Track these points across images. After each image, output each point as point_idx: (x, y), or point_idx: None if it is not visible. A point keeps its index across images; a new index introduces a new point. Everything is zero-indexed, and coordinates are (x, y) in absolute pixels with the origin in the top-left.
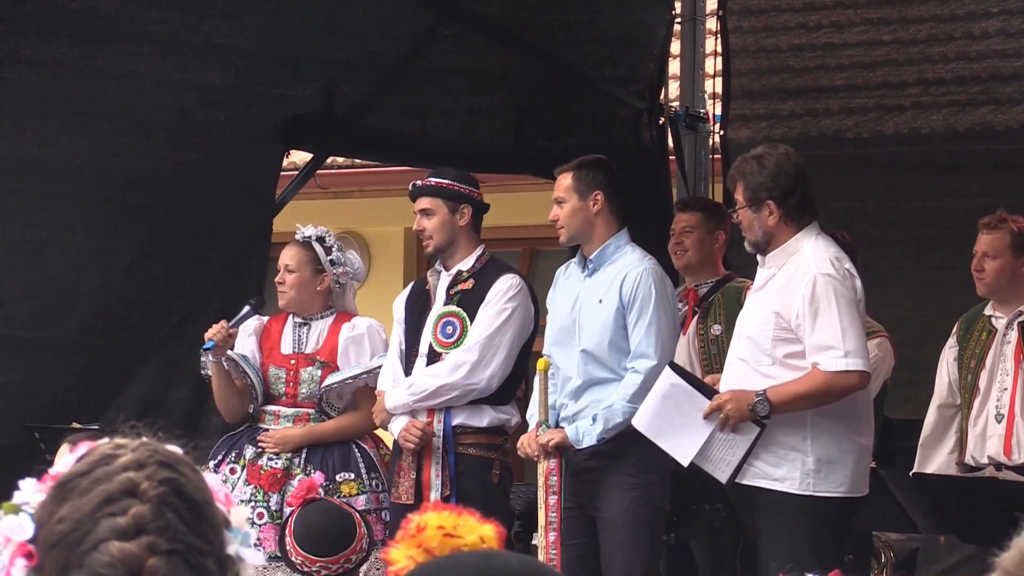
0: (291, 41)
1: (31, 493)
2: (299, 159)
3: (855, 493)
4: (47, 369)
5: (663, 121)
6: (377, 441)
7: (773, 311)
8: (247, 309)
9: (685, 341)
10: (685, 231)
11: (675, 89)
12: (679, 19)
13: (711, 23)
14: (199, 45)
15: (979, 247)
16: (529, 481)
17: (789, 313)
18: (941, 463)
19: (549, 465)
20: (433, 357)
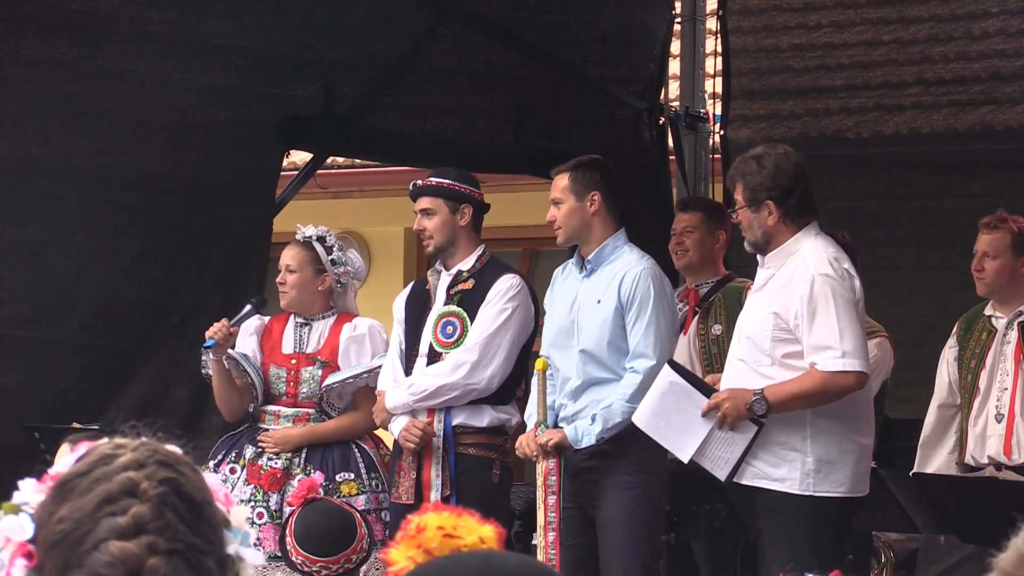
0: (291, 41)
1: (31, 493)
2: (299, 159)
3: (855, 493)
4: (47, 369)
5: (663, 121)
6: (377, 441)
7: (772, 311)
8: (248, 308)
9: (686, 341)
10: (686, 231)
11: (675, 89)
12: (679, 19)
13: (711, 23)
14: (199, 45)
15: (979, 247)
16: (529, 481)
17: (788, 313)
18: (941, 463)
19: (548, 465)
20: (433, 357)
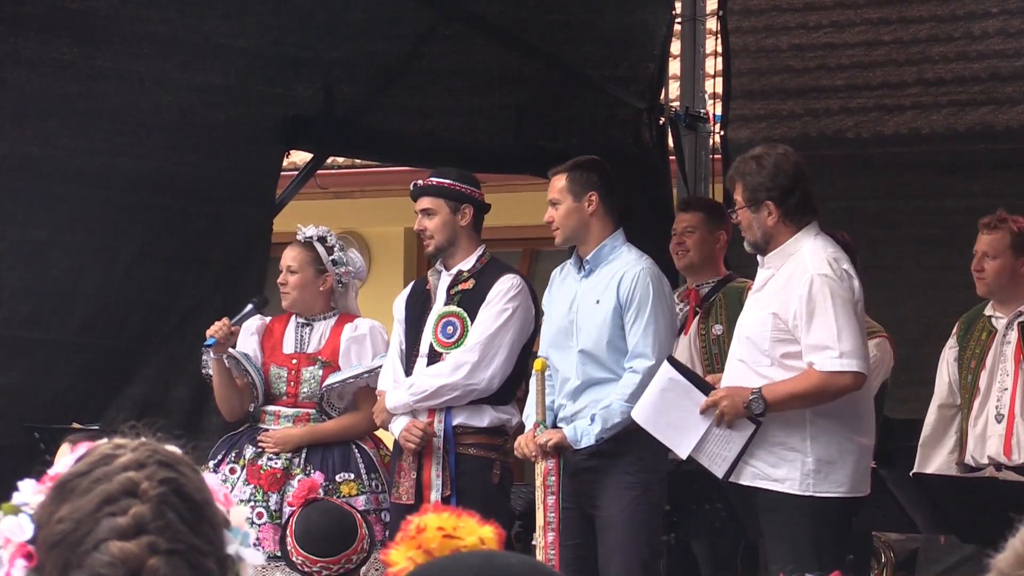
0: (291, 41)
1: (30, 494)
2: (299, 159)
3: (856, 493)
4: (47, 369)
5: (663, 121)
6: (377, 442)
7: (771, 312)
8: (249, 307)
9: (687, 341)
10: (687, 231)
11: (675, 89)
12: (679, 19)
13: (711, 23)
14: (199, 45)
15: (979, 247)
16: (529, 481)
17: (787, 314)
18: (941, 463)
19: (547, 465)
20: (434, 357)
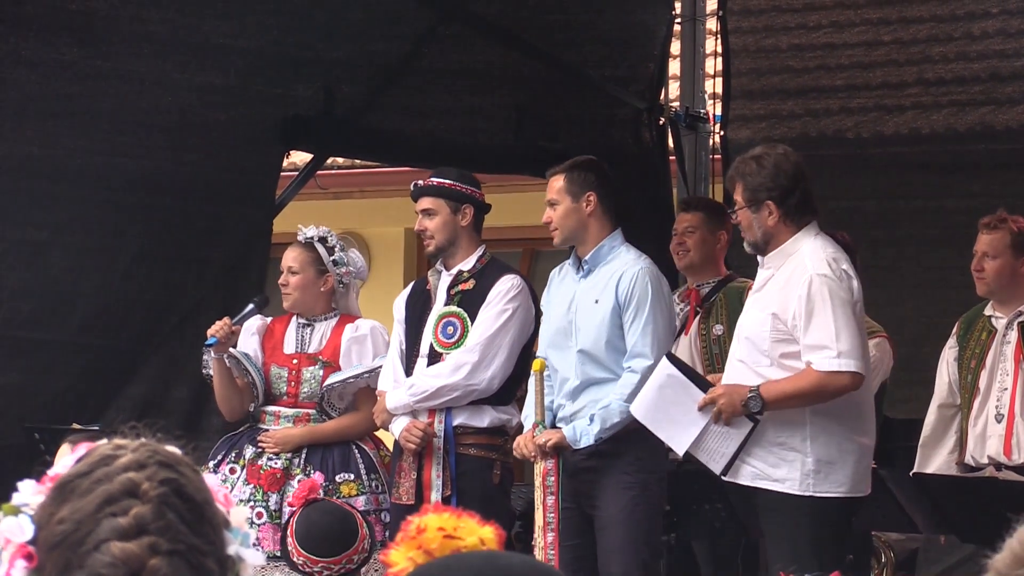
0: (291, 41)
1: (30, 494)
2: (299, 159)
3: (856, 493)
4: (47, 369)
5: (663, 121)
6: (377, 442)
7: (771, 312)
8: (250, 307)
9: (687, 341)
10: (687, 231)
11: (675, 89)
12: (679, 19)
13: (711, 23)
14: (199, 45)
15: (979, 247)
16: (529, 482)
17: (786, 314)
18: (941, 463)
19: (547, 466)
20: (434, 357)
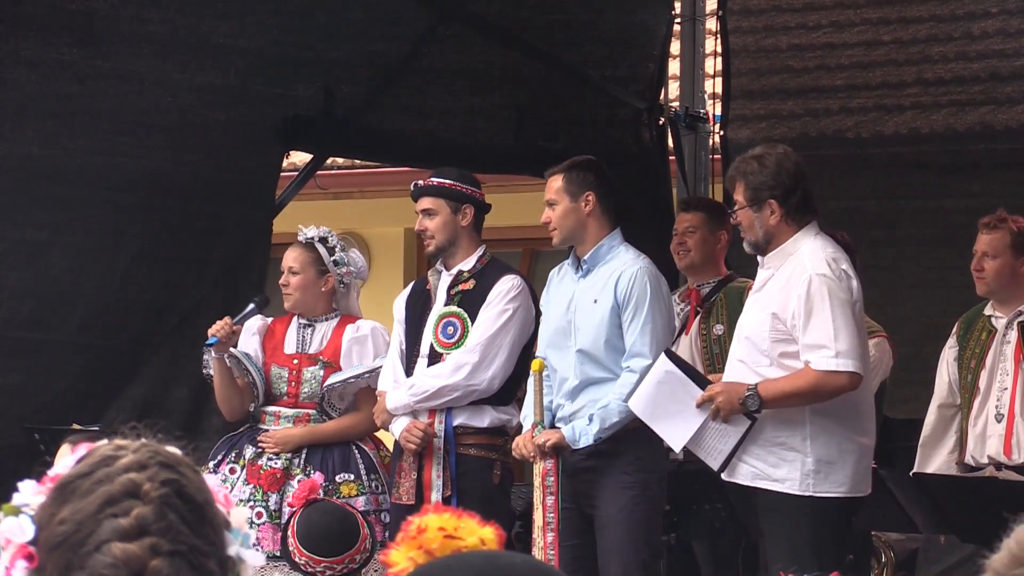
0: (291, 41)
1: (31, 495)
2: (299, 160)
3: (856, 493)
4: (47, 370)
5: (663, 121)
6: (377, 443)
7: (770, 312)
8: (251, 307)
9: (688, 341)
10: (688, 231)
11: (675, 89)
12: (679, 19)
13: (711, 23)
14: (199, 45)
15: (979, 247)
16: (530, 482)
17: (785, 313)
18: (941, 463)
19: (546, 466)
20: (434, 357)
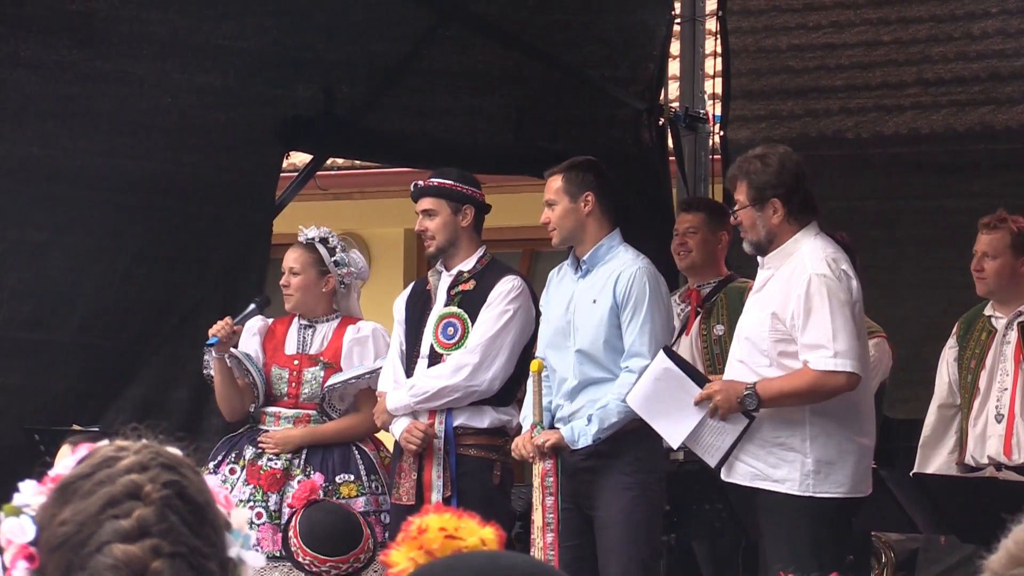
0: (291, 42)
1: (32, 495)
2: (299, 160)
3: (856, 494)
4: (47, 370)
5: (663, 122)
6: (377, 444)
7: (770, 312)
8: (252, 307)
9: (688, 342)
10: (689, 232)
11: (675, 90)
12: (679, 19)
13: (711, 23)
14: (199, 46)
15: (979, 247)
16: (530, 482)
17: (785, 313)
18: (941, 463)
19: (545, 466)
20: (434, 358)
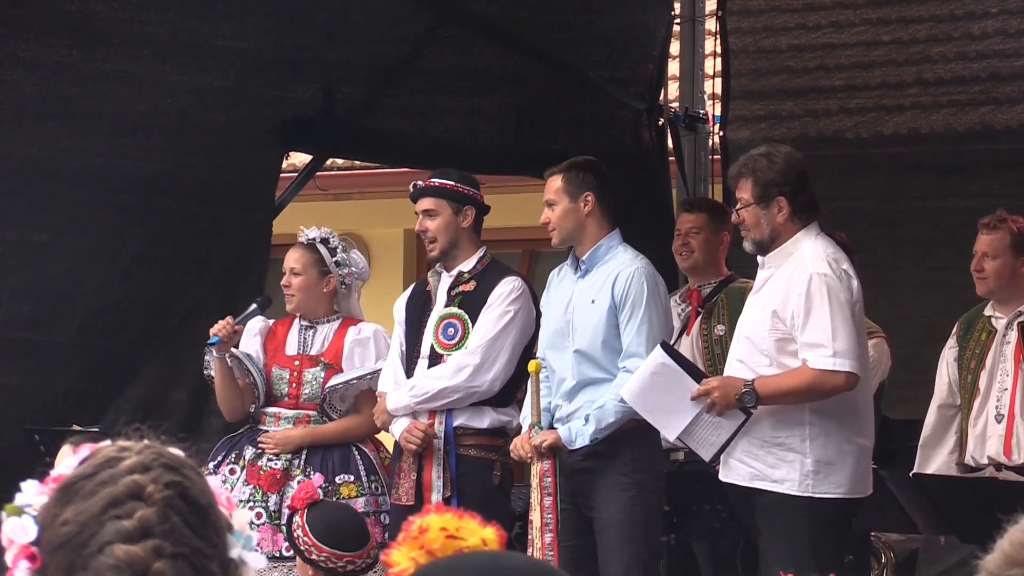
0: (290, 42)
1: (33, 495)
2: (299, 161)
3: (855, 494)
4: (47, 371)
5: (663, 122)
6: (377, 444)
7: (770, 311)
8: (253, 307)
9: (689, 342)
10: (691, 232)
11: (675, 90)
12: (678, 20)
13: (710, 24)
14: (198, 47)
15: (979, 247)
16: (529, 483)
17: (785, 312)
18: (941, 463)
19: (543, 467)
20: (435, 359)
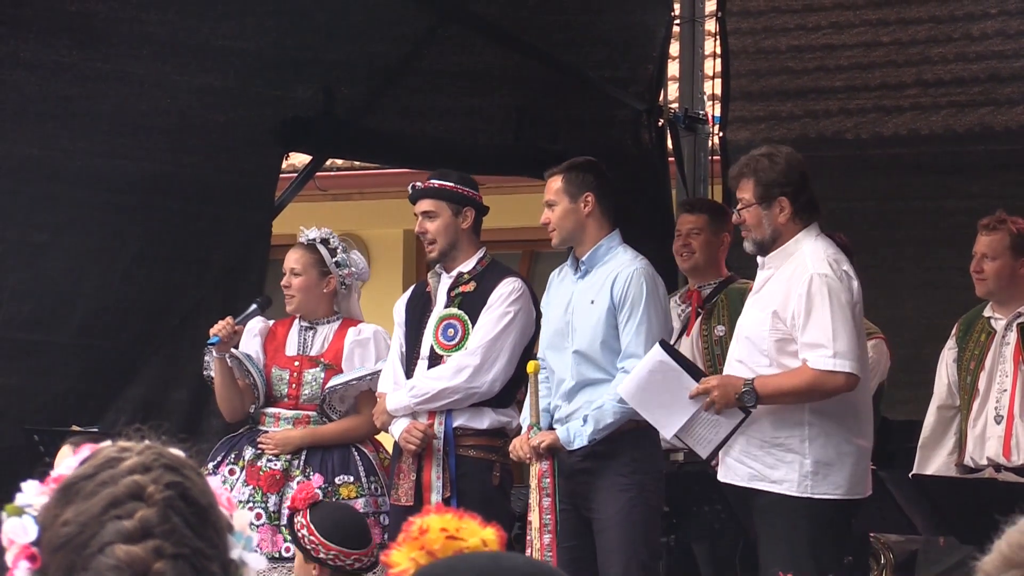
0: (290, 43)
1: (34, 495)
2: (298, 161)
3: (854, 495)
4: (47, 371)
5: (662, 123)
6: (377, 445)
7: (771, 311)
8: (254, 307)
9: (689, 342)
10: (692, 233)
11: (674, 91)
12: (678, 20)
13: (710, 25)
14: (198, 47)
15: (978, 248)
16: (528, 484)
17: (786, 312)
18: (940, 464)
19: (542, 467)
20: (435, 359)
